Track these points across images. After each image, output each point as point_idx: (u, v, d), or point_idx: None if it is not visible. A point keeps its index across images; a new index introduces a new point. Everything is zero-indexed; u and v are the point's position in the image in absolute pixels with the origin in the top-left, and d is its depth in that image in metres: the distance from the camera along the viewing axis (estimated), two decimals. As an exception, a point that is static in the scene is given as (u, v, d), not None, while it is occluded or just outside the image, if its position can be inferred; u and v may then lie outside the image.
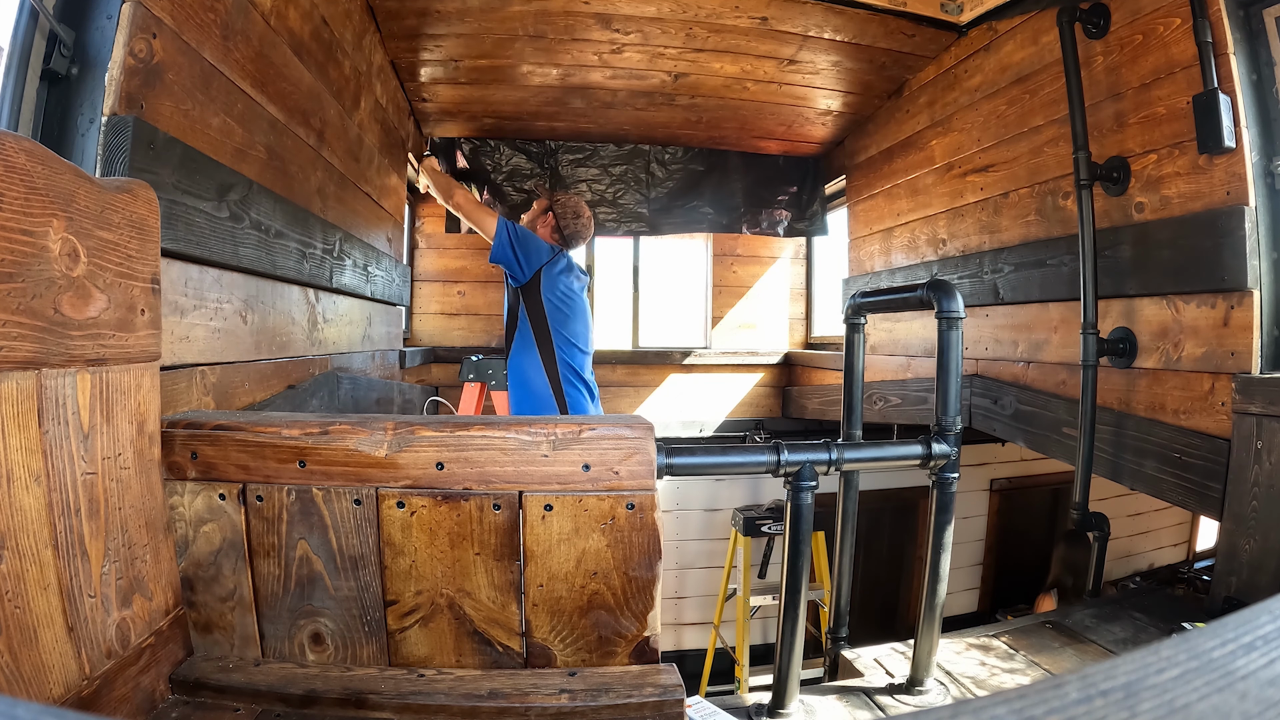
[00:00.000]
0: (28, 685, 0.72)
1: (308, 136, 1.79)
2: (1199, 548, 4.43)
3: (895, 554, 4.09)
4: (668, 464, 1.12)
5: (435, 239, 3.91)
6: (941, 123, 2.71)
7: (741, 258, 4.18)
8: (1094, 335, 1.83)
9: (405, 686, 1.00)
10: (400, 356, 3.07)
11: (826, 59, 2.76)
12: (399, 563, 1.03)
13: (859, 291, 1.66)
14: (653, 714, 0.99)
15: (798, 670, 1.32)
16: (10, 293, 0.71)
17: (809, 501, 1.25)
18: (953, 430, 1.33)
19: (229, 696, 0.98)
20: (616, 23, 2.47)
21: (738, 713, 1.34)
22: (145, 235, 0.97)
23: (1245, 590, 1.45)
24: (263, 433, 1.02)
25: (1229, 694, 0.23)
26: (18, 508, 0.73)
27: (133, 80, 1.05)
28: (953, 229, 2.65)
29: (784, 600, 1.29)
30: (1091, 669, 0.24)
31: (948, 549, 1.38)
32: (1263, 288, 1.52)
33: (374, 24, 2.41)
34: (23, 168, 0.73)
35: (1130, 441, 1.80)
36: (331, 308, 2.07)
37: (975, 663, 1.50)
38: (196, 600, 1.05)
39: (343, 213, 2.13)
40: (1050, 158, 2.12)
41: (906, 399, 2.87)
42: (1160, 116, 1.71)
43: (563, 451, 1.02)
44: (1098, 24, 1.87)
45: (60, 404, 0.80)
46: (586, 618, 1.06)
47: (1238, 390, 1.49)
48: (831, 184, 3.92)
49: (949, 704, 0.29)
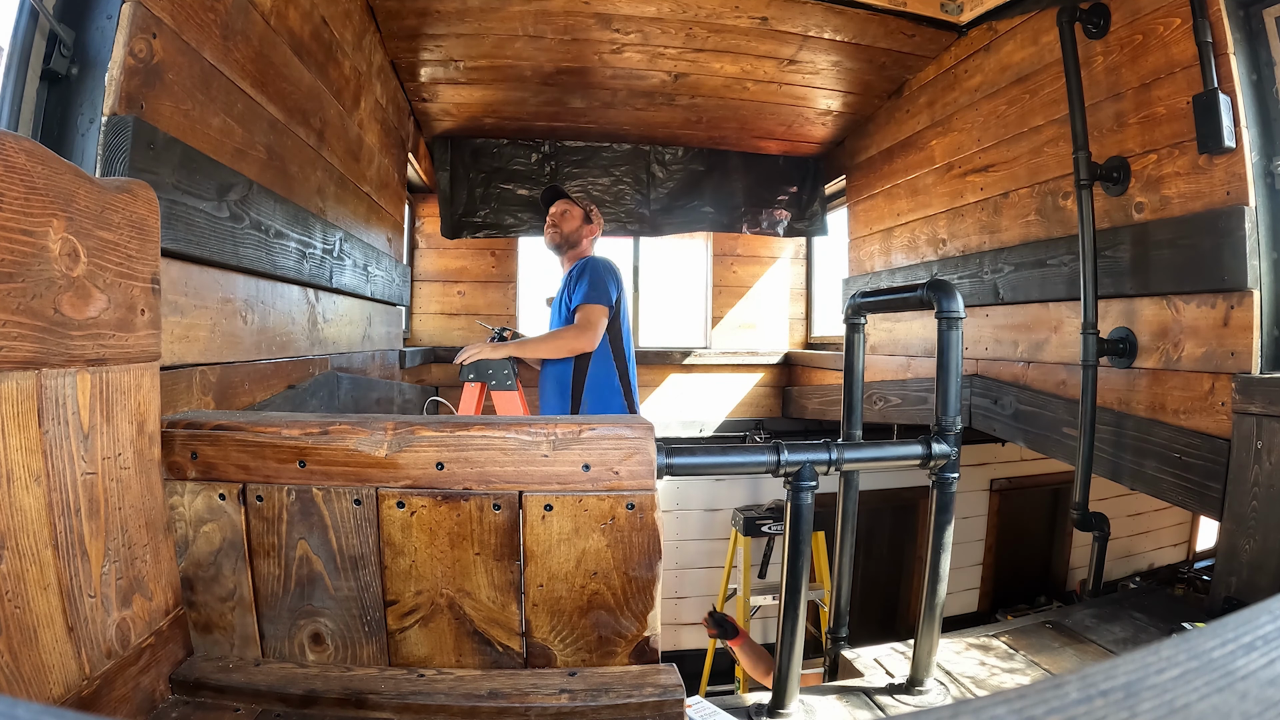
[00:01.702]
0: (28, 685, 0.72)
1: (308, 136, 1.79)
2: (1199, 548, 4.44)
3: (895, 554, 4.09)
4: (668, 464, 1.12)
5: (435, 239, 3.91)
6: (941, 123, 2.71)
7: (741, 258, 4.18)
8: (1094, 335, 1.83)
9: (405, 686, 1.00)
10: (400, 356, 3.07)
11: (826, 59, 2.76)
12: (399, 563, 1.03)
13: (859, 291, 1.66)
14: (653, 714, 0.99)
15: (798, 670, 1.32)
16: (10, 293, 0.71)
17: (809, 501, 1.25)
18: (953, 430, 1.33)
19: (229, 696, 0.98)
20: (616, 23, 2.47)
21: (738, 713, 1.34)
22: (145, 235, 0.97)
23: (1245, 590, 1.45)
24: (263, 433, 1.02)
25: (1229, 694, 0.23)
26: (18, 508, 0.73)
27: (133, 80, 1.05)
28: (953, 229, 2.65)
29: (784, 600, 1.29)
30: (1091, 669, 0.24)
31: (948, 549, 1.38)
32: (1263, 288, 1.52)
33: (374, 24, 2.41)
34: (23, 168, 0.73)
35: (1130, 441, 1.80)
36: (331, 308, 2.07)
37: (975, 663, 1.50)
38: (196, 600, 1.05)
39: (343, 213, 2.13)
40: (1050, 158, 2.12)
41: (906, 399, 2.87)
42: (1160, 116, 1.71)
43: (563, 451, 1.02)
44: (1098, 24, 1.87)
45: (60, 404, 0.80)
46: (586, 618, 1.06)
47: (1238, 390, 1.49)
48: (831, 184, 3.92)
49: (949, 704, 0.29)
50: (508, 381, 2.55)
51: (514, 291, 4.00)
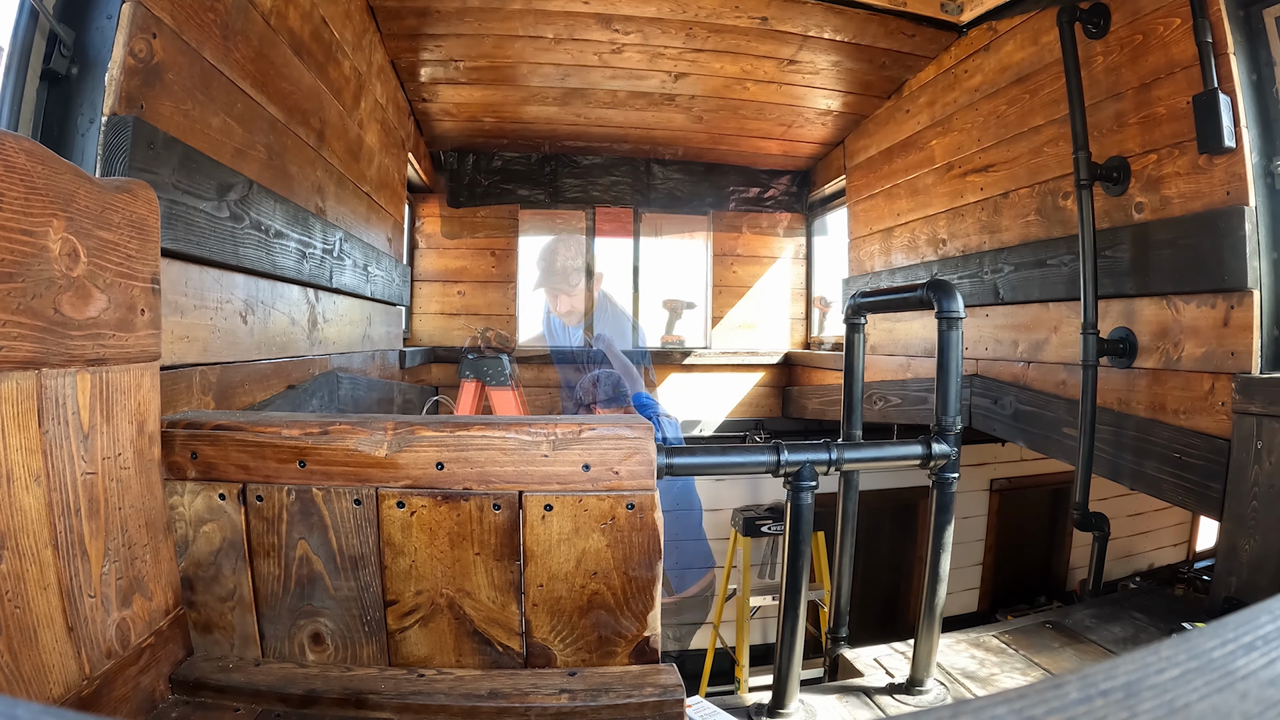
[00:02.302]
0: (28, 685, 0.72)
1: (308, 136, 1.79)
2: (1199, 548, 4.43)
3: (895, 554, 4.09)
4: (668, 464, 1.12)
5: (435, 239, 3.91)
6: (941, 123, 2.71)
7: (741, 258, 4.18)
8: (1094, 335, 1.83)
9: (405, 686, 1.00)
10: (400, 356, 3.07)
11: (826, 59, 2.76)
12: (399, 563, 1.03)
13: (859, 291, 1.66)
14: (653, 714, 0.99)
15: (798, 670, 1.32)
16: (10, 293, 0.71)
17: (809, 501, 1.25)
18: (953, 430, 1.33)
19: (229, 696, 0.98)
20: (616, 23, 2.47)
21: (738, 713, 1.34)
22: (145, 235, 0.97)
23: (1245, 590, 1.45)
24: (263, 433, 1.02)
25: (1229, 694, 0.23)
26: (18, 508, 0.73)
27: (133, 80, 1.05)
28: (953, 229, 2.65)
29: (784, 600, 1.29)
30: (1091, 669, 0.24)
31: (948, 549, 1.38)
32: (1263, 288, 1.52)
33: (374, 24, 2.41)
34: (23, 168, 0.73)
35: (1130, 441, 1.79)
36: (331, 308, 2.07)
37: (975, 662, 1.50)
38: (196, 600, 1.05)
39: (342, 212, 2.13)
40: (1050, 158, 2.12)
41: (906, 399, 2.87)
42: (1160, 116, 1.71)
43: (563, 451, 1.02)
44: (1098, 24, 1.87)
45: (60, 404, 0.80)
46: (586, 618, 1.06)
47: (1238, 390, 1.49)
48: (831, 184, 3.92)
49: (949, 704, 0.29)
50: (505, 379, 2.56)
51: (514, 291, 4.00)
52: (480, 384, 2.60)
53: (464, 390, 2.60)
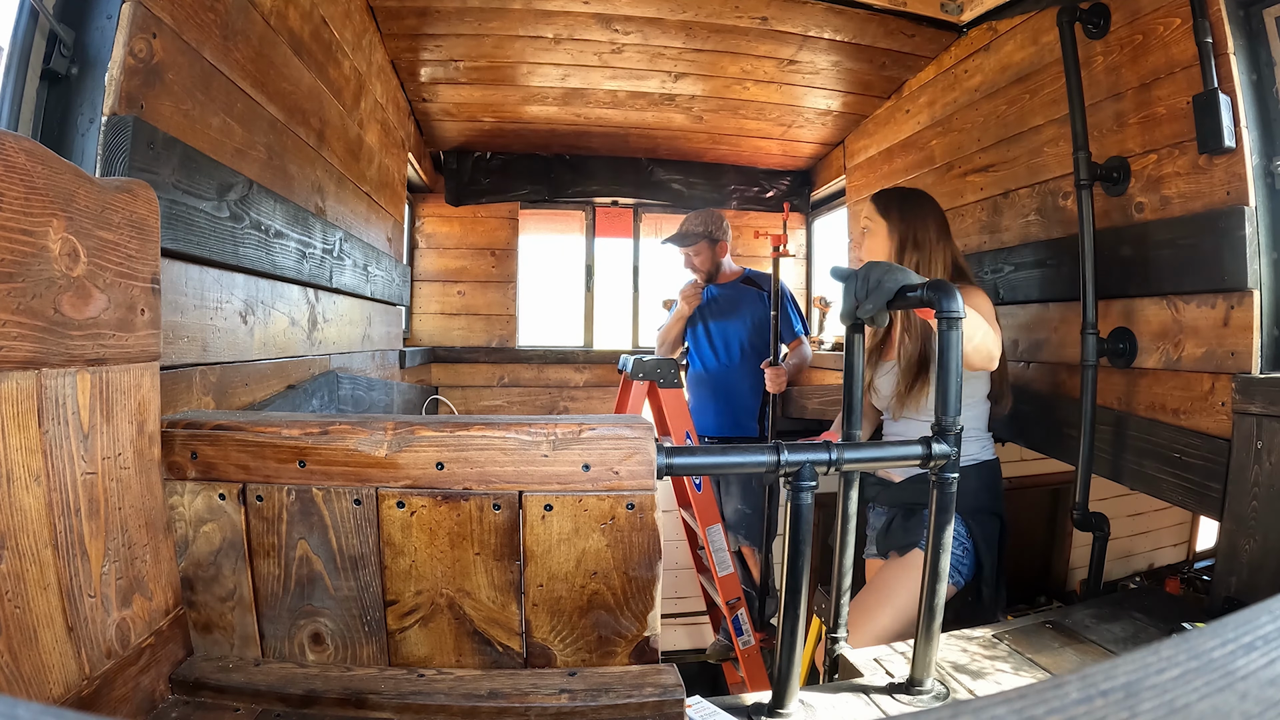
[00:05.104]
0: (28, 685, 0.72)
1: (308, 136, 1.79)
2: (1199, 548, 4.43)
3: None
4: (667, 464, 1.11)
5: (435, 239, 3.91)
6: (941, 122, 2.71)
7: (742, 258, 4.17)
8: (1094, 335, 1.83)
9: (405, 686, 1.00)
10: (400, 356, 3.07)
11: (826, 59, 2.75)
12: (399, 563, 1.03)
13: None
14: (653, 714, 0.99)
15: (798, 670, 1.32)
16: (10, 293, 0.71)
17: (809, 501, 1.24)
18: (953, 430, 1.33)
19: (229, 696, 0.98)
20: (616, 23, 2.47)
21: (738, 712, 1.34)
22: (145, 235, 0.97)
23: (1245, 590, 1.45)
24: (263, 433, 1.02)
25: (1229, 694, 0.23)
26: (18, 508, 0.73)
27: (133, 80, 1.05)
28: (953, 229, 2.64)
29: (784, 600, 1.29)
30: (1091, 669, 0.24)
31: (948, 549, 1.38)
32: (1263, 288, 1.52)
33: (374, 24, 2.41)
34: (23, 167, 0.73)
35: (1130, 441, 1.79)
36: (331, 308, 2.07)
37: (975, 662, 1.50)
38: (196, 600, 1.05)
39: (342, 212, 2.13)
40: (1050, 158, 2.12)
41: (906, 399, 2.87)
42: (1160, 116, 1.71)
43: (563, 451, 1.02)
44: (1098, 24, 1.87)
45: (60, 404, 0.80)
46: (586, 618, 1.06)
47: (1238, 390, 1.49)
48: (831, 184, 3.92)
49: (949, 704, 0.29)
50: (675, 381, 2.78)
51: (514, 291, 4.00)
52: (653, 384, 2.73)
53: (631, 390, 2.74)
